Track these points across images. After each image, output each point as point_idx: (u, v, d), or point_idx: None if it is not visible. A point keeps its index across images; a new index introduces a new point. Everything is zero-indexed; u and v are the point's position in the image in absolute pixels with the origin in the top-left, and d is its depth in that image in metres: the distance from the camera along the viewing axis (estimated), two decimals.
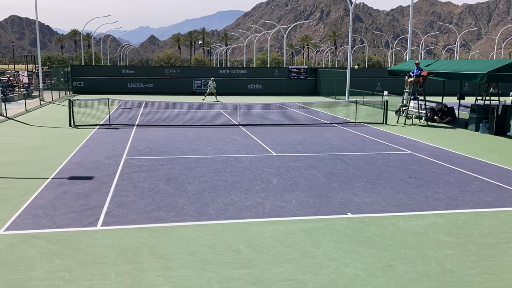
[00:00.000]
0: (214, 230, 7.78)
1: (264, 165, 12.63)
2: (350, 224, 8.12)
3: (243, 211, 8.74)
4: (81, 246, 6.99)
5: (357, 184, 10.76)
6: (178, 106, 27.96)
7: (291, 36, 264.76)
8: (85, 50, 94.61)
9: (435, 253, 6.94)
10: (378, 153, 14.72)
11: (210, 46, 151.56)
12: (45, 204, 9.01)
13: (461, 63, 23.25)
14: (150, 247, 7.02)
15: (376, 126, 21.18)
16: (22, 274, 6.09)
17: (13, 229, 7.66)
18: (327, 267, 6.47)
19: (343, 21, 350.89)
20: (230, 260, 6.59)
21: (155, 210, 8.76)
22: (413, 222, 8.28)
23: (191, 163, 12.77)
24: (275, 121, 22.32)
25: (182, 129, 19.35)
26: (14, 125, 20.42)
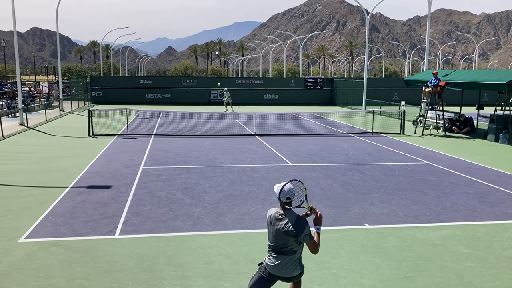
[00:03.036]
0: (231, 239, 7.80)
1: (281, 175, 12.64)
2: (367, 235, 8.06)
3: (259, 221, 8.74)
4: (100, 254, 7.07)
5: (374, 195, 10.68)
6: (195, 116, 28.17)
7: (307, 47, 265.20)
8: (104, 61, 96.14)
9: (454, 265, 6.85)
10: (396, 163, 14.60)
11: (227, 56, 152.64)
12: (64, 212, 9.15)
13: (479, 73, 23.01)
14: (167, 256, 7.07)
15: (393, 137, 21.03)
16: (42, 281, 6.19)
17: (34, 237, 7.79)
18: (344, 278, 6.43)
19: (360, 31, 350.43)
20: (247, 270, 6.60)
21: (172, 219, 8.82)
22: (431, 234, 8.19)
23: (207, 173, 12.84)
24: (291, 131, 22.32)
25: (199, 139, 19.49)
26: (35, 135, 20.80)
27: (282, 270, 4.62)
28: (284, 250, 4.57)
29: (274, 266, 4.62)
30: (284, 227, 4.50)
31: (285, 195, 4.52)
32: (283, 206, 4.59)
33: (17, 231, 8.04)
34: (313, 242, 4.57)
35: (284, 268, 4.61)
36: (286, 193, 4.52)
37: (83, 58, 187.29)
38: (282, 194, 4.52)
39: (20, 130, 21.48)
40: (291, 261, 4.61)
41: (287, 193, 4.52)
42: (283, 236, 4.52)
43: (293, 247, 4.56)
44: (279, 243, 4.56)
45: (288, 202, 4.56)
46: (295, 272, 4.69)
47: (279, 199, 4.56)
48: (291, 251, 4.58)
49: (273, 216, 4.62)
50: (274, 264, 4.62)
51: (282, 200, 4.55)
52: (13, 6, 22.66)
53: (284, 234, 4.51)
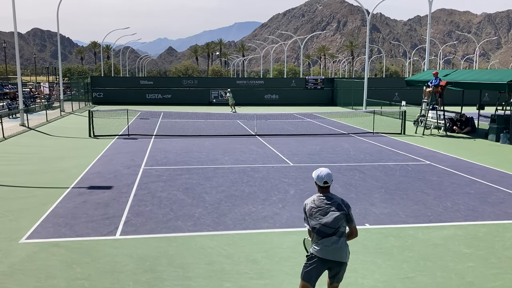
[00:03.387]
0: (232, 240, 7.80)
1: (281, 175, 12.63)
2: (368, 235, 8.05)
3: (260, 222, 8.74)
4: (100, 255, 7.07)
5: (375, 195, 10.67)
6: (196, 116, 28.17)
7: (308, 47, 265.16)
8: (104, 62, 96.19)
9: (455, 265, 6.84)
10: (396, 163, 14.59)
11: (227, 57, 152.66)
12: (65, 213, 9.15)
13: (480, 72, 23.00)
14: (168, 257, 7.06)
15: (394, 137, 21.01)
16: (43, 282, 6.19)
17: (34, 238, 7.79)
18: (345, 278, 6.37)
19: (360, 31, 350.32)
20: (248, 271, 6.60)
21: (173, 219, 8.82)
22: (432, 234, 8.18)
23: (208, 173, 12.84)
24: (292, 131, 22.31)
25: (199, 139, 19.49)
26: (36, 135, 20.81)
27: (338, 253, 4.76)
28: (338, 232, 4.73)
29: (330, 250, 4.73)
30: (334, 205, 4.77)
31: (322, 180, 4.81)
32: (322, 190, 4.87)
33: (18, 232, 8.04)
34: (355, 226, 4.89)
35: (340, 251, 4.76)
36: (324, 177, 4.82)
37: (84, 59, 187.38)
38: (319, 178, 4.82)
39: (21, 131, 21.49)
40: (345, 244, 4.79)
41: (324, 177, 4.82)
42: (335, 214, 4.73)
43: (343, 227, 4.79)
44: (333, 224, 4.72)
45: (326, 186, 4.85)
46: (347, 259, 4.87)
47: (317, 183, 4.85)
48: (342, 233, 4.78)
49: (316, 202, 4.84)
50: (330, 248, 4.73)
51: (319, 184, 4.84)
52: (14, 7, 22.68)
53: (336, 211, 4.75)
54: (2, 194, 10.65)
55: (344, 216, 4.76)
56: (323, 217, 4.74)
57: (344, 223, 4.78)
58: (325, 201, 4.80)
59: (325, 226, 4.72)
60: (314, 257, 4.82)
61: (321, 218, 4.75)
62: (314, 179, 4.87)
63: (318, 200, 4.83)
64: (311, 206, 4.84)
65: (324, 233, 4.73)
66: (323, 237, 4.73)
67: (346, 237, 4.83)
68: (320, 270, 4.84)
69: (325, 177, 4.81)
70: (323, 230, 4.74)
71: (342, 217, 4.75)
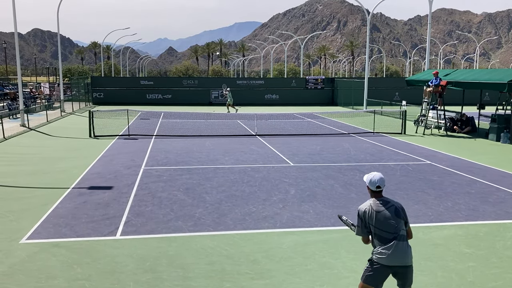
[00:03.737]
0: (232, 240, 7.79)
1: (282, 175, 12.62)
2: None
3: (260, 222, 8.73)
4: (101, 255, 7.07)
5: None
6: (196, 116, 28.16)
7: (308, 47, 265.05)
8: (104, 62, 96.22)
9: (456, 265, 6.84)
10: (397, 163, 14.58)
11: (228, 57, 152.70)
12: (65, 213, 9.15)
13: (480, 72, 22.98)
14: (168, 257, 7.06)
15: (394, 136, 21.00)
16: (43, 282, 6.19)
17: (35, 238, 7.79)
18: (346, 278, 6.42)
19: (360, 31, 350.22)
20: (248, 271, 6.59)
21: (173, 219, 8.81)
22: (433, 234, 8.17)
23: (209, 173, 12.84)
24: (293, 131, 22.31)
25: (200, 140, 19.49)
26: (36, 136, 20.82)
27: (402, 258, 4.70)
28: (398, 235, 4.68)
29: (393, 256, 4.66)
30: (392, 209, 4.74)
31: (374, 184, 4.80)
32: (375, 194, 4.84)
33: (18, 232, 8.04)
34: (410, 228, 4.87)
35: (404, 255, 4.69)
36: (376, 182, 4.79)
37: (84, 59, 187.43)
38: (372, 183, 4.81)
39: (21, 131, 21.50)
40: (407, 246, 4.73)
41: (377, 182, 4.80)
42: (395, 219, 4.70)
43: (403, 230, 4.75)
44: (393, 229, 4.68)
45: (379, 191, 4.82)
46: (411, 261, 4.79)
47: (369, 188, 4.84)
48: (403, 236, 4.73)
49: (374, 207, 4.77)
50: (394, 253, 4.65)
51: (372, 189, 4.83)
52: (14, 8, 22.68)
53: (395, 216, 4.71)
54: (3, 195, 10.65)
55: (403, 219, 4.76)
56: (383, 223, 4.70)
57: (403, 226, 4.76)
58: (382, 206, 4.75)
59: (386, 232, 4.69)
60: (377, 264, 4.76)
61: (381, 224, 4.71)
62: (366, 183, 4.86)
63: (375, 205, 4.77)
64: (368, 213, 4.77)
65: (386, 238, 4.69)
66: (385, 244, 4.68)
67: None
68: (385, 276, 4.79)
69: (377, 182, 4.79)
70: (384, 236, 4.70)
71: (401, 220, 4.74)
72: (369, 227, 4.78)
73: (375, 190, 4.81)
